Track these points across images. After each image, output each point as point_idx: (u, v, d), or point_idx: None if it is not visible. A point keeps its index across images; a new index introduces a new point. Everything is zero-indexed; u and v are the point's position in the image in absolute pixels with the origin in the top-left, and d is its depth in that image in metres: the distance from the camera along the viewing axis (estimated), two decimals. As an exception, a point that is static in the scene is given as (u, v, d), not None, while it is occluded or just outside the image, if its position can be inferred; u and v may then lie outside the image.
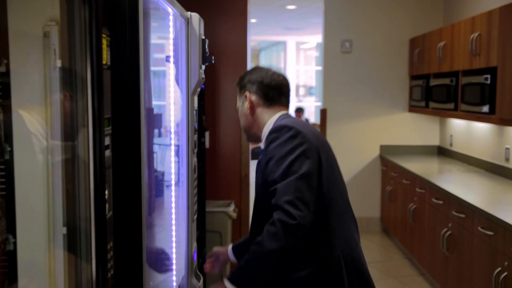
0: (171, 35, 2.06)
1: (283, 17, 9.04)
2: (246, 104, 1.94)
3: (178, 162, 2.18)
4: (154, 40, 1.79)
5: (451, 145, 5.37)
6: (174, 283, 2.14)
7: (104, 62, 1.34)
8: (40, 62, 1.33)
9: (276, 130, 1.80)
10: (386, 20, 5.69)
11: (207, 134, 3.47)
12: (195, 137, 2.37)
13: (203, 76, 2.33)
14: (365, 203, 5.70)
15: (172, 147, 2.14)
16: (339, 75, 5.68)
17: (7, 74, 1.31)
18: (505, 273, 2.82)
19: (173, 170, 2.13)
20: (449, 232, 3.66)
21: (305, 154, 1.74)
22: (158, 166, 2.19)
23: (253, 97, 1.93)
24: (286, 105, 1.98)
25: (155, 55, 1.95)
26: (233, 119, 3.95)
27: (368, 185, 5.75)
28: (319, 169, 1.77)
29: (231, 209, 3.71)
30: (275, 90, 1.94)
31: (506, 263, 2.83)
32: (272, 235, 1.68)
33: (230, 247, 2.07)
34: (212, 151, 3.87)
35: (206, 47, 2.34)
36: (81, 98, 1.31)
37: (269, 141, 1.80)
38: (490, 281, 2.96)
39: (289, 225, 1.66)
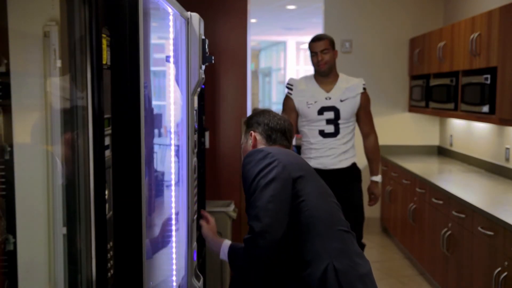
0: (171, 35, 2.06)
1: (283, 17, 9.04)
2: (250, 142, 2.15)
3: (178, 162, 2.18)
4: (154, 40, 1.79)
5: (451, 145, 5.37)
6: (174, 283, 2.14)
7: (104, 62, 1.34)
8: (40, 62, 1.33)
9: (249, 154, 1.99)
10: (386, 20, 5.69)
11: (207, 134, 3.47)
12: (195, 137, 2.37)
13: (203, 76, 2.33)
14: (365, 203, 5.69)
15: (172, 147, 2.14)
16: (339, 75, 5.68)
17: (7, 74, 1.31)
18: (505, 273, 2.82)
19: (173, 170, 2.13)
20: (449, 232, 3.66)
21: (273, 172, 1.87)
22: (158, 166, 2.19)
23: (258, 136, 2.14)
24: (287, 146, 2.16)
25: (155, 55, 1.95)
26: (233, 119, 3.95)
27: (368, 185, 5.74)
28: (292, 186, 1.88)
29: (231, 209, 3.71)
30: (278, 132, 2.14)
31: (506, 263, 2.83)
32: (245, 256, 1.86)
33: (226, 245, 2.06)
34: (212, 151, 3.87)
35: (206, 47, 2.34)
36: (81, 98, 1.31)
37: (243, 164, 1.98)
38: (490, 281, 2.96)
39: (251, 239, 1.81)
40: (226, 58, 3.89)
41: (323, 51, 3.37)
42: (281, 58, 13.93)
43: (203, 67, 2.31)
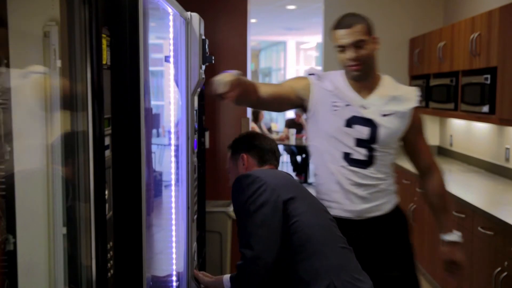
0: (171, 35, 2.06)
1: (283, 17, 9.04)
2: (241, 164, 2.10)
3: (178, 162, 2.18)
4: (151, 40, 1.79)
5: (451, 145, 5.37)
6: (174, 283, 2.14)
7: (104, 62, 1.34)
8: (40, 62, 1.33)
9: (237, 180, 1.96)
10: (386, 20, 5.69)
11: (207, 134, 3.47)
12: (195, 137, 2.37)
13: (203, 76, 2.33)
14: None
15: (172, 147, 2.15)
16: (339, 75, 5.67)
17: (7, 74, 1.31)
18: (505, 273, 2.82)
19: (173, 170, 2.13)
20: (449, 232, 3.65)
21: (262, 197, 1.85)
22: (156, 166, 2.19)
23: (250, 159, 2.10)
24: (276, 166, 2.15)
25: (152, 55, 1.95)
26: (233, 119, 3.95)
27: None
28: (284, 208, 1.87)
29: (231, 209, 3.71)
30: (270, 152, 2.13)
31: (506, 263, 2.83)
32: (239, 282, 1.89)
33: (227, 277, 2.08)
34: (212, 151, 3.87)
35: (207, 47, 2.34)
36: (81, 98, 1.31)
37: (232, 191, 1.97)
38: (490, 281, 2.96)
39: (243, 266, 1.83)
40: (226, 58, 3.89)
41: (356, 43, 2.14)
42: (281, 58, 13.93)
43: (203, 67, 2.31)
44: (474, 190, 3.96)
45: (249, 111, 4.18)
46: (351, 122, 2.15)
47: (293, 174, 9.04)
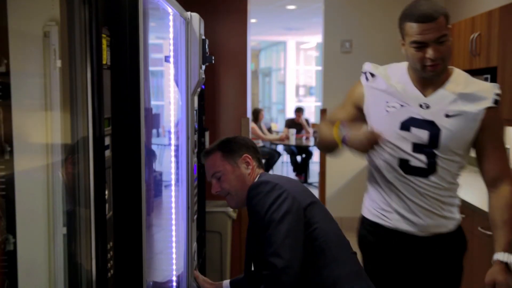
0: (171, 35, 2.06)
1: (283, 17, 9.05)
2: (244, 167, 1.99)
3: (178, 162, 2.18)
4: (151, 40, 1.79)
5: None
6: (174, 283, 2.14)
7: (104, 62, 1.34)
8: (40, 62, 1.33)
9: (254, 187, 1.89)
10: (386, 20, 5.69)
11: (207, 134, 3.47)
12: (195, 137, 2.37)
13: (203, 76, 2.33)
14: (365, 203, 5.69)
15: (172, 147, 2.15)
16: (339, 75, 5.67)
17: (7, 74, 1.31)
18: (505, 273, 2.82)
19: (173, 170, 2.13)
20: (449, 232, 3.65)
21: (284, 205, 1.80)
22: (156, 166, 2.19)
23: (253, 162, 2.01)
24: (266, 170, 2.11)
25: (152, 55, 1.95)
26: (233, 119, 3.95)
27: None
28: (304, 214, 1.84)
29: (231, 209, 3.71)
30: (260, 155, 2.08)
31: (506, 263, 2.83)
32: None
33: (227, 282, 2.07)
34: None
35: (207, 47, 2.34)
36: (81, 98, 1.31)
37: (249, 197, 1.89)
38: (490, 281, 2.96)
39: (274, 276, 1.75)
40: (226, 58, 3.89)
41: (439, 39, 1.86)
42: (281, 58, 13.93)
43: (203, 67, 2.31)
44: (474, 190, 3.96)
45: (249, 111, 4.19)
46: (408, 124, 1.89)
47: (293, 174, 9.05)
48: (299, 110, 9.39)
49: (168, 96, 2.16)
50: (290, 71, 13.46)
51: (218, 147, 2.03)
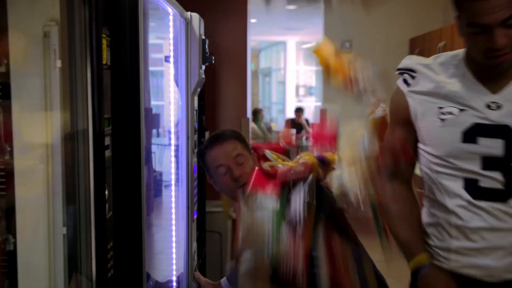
0: (171, 35, 2.06)
1: (283, 17, 9.04)
2: (255, 157, 1.80)
3: (178, 162, 2.18)
4: (151, 40, 1.79)
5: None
6: (174, 283, 2.14)
7: (104, 62, 1.34)
8: (40, 62, 1.33)
9: None
10: (386, 20, 5.69)
11: (207, 134, 3.47)
12: (195, 137, 2.37)
13: (203, 76, 2.33)
14: (365, 203, 5.68)
15: (172, 147, 2.15)
16: (339, 75, 5.67)
17: (7, 74, 1.31)
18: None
19: (173, 170, 2.13)
20: (449, 232, 3.63)
21: None
22: (156, 166, 2.19)
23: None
24: None
25: (152, 55, 1.95)
26: (233, 119, 3.95)
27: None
28: None
29: (231, 209, 3.71)
30: None
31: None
32: None
33: (224, 280, 2.07)
34: (212, 151, 3.86)
35: (207, 47, 2.34)
36: (81, 98, 1.31)
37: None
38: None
39: None
40: (226, 58, 3.89)
41: (506, 21, 1.31)
42: (281, 58, 13.93)
43: (203, 67, 2.31)
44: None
45: (249, 111, 4.19)
46: (473, 133, 1.41)
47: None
48: (299, 110, 9.39)
49: (168, 96, 2.16)
50: (290, 71, 13.45)
51: (235, 136, 1.86)
